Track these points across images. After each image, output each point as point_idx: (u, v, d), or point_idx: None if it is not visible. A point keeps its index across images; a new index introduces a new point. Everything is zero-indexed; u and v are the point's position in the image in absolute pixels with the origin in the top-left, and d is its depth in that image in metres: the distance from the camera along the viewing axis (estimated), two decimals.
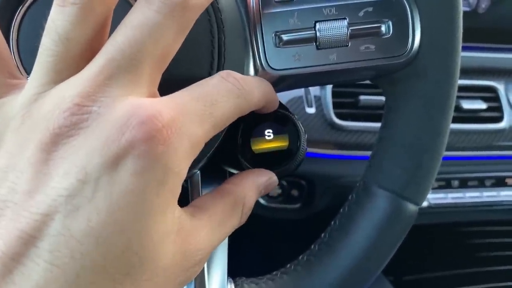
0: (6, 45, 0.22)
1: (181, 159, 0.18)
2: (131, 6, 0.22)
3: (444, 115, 0.30)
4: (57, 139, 0.18)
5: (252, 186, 0.26)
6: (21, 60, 0.24)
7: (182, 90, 0.21)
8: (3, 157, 0.18)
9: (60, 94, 0.18)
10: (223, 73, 0.22)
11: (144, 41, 0.19)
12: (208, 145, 0.27)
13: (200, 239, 0.21)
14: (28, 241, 0.17)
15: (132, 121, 0.17)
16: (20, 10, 0.24)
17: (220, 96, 0.21)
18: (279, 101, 0.32)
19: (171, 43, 0.20)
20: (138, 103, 0.18)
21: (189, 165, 0.19)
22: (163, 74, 0.21)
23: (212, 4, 0.26)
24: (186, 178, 0.31)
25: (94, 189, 0.17)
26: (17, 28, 0.24)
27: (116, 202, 0.17)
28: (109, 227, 0.17)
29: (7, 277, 0.16)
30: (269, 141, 0.30)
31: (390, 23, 0.29)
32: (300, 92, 0.59)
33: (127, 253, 0.17)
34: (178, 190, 0.19)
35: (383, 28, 0.29)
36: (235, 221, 0.24)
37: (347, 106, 0.60)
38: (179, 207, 0.20)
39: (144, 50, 0.19)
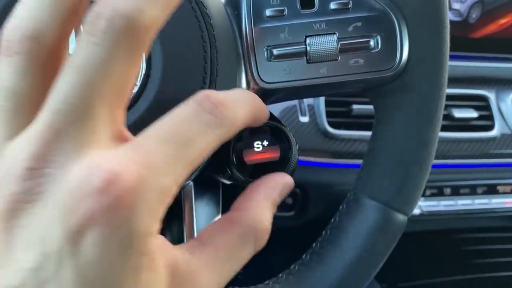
0: None
1: (148, 218, 0.16)
2: None
3: (431, 127, 0.31)
4: (15, 206, 0.16)
5: (264, 204, 0.23)
6: None
7: (147, 130, 0.18)
8: None
9: (11, 156, 0.17)
10: (200, 97, 0.19)
11: (91, 82, 0.16)
12: None
13: (202, 282, 0.19)
14: None
15: (89, 189, 0.16)
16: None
17: (195, 133, 0.18)
18: (271, 113, 0.33)
19: (125, 74, 0.17)
20: (95, 162, 0.16)
21: (159, 217, 0.17)
22: (155, 93, 0.22)
23: (204, 19, 0.26)
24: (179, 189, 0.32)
25: (57, 263, 0.16)
26: None
27: (83, 274, 0.16)
28: None
29: None
30: (261, 152, 0.31)
31: (379, 37, 0.30)
32: (293, 101, 0.59)
33: None
34: (151, 248, 0.17)
35: (371, 43, 0.30)
36: (246, 253, 0.21)
37: (340, 115, 0.61)
38: (173, 249, 0.19)
39: (93, 93, 0.16)
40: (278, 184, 0.25)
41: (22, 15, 0.17)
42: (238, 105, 0.21)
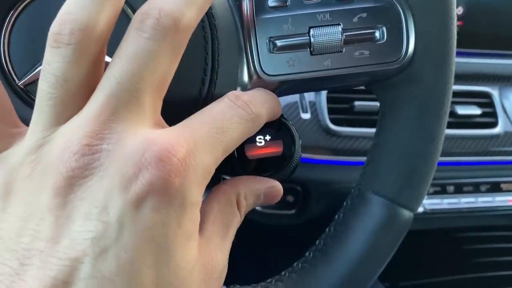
0: (7, 95, 0.21)
1: (196, 189, 0.19)
2: (129, 19, 0.22)
3: (438, 121, 0.30)
4: (72, 182, 0.18)
5: (248, 187, 0.25)
6: (12, 65, 0.24)
7: (191, 117, 0.21)
8: (19, 206, 0.18)
9: (67, 136, 0.18)
10: (231, 96, 0.23)
11: (141, 71, 0.19)
12: None
13: (214, 251, 0.21)
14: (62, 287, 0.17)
15: (147, 158, 0.17)
16: (12, 14, 0.24)
17: (231, 123, 0.21)
18: None
19: (168, 68, 0.20)
20: (150, 137, 0.18)
21: (202, 192, 0.19)
22: None
23: None
24: None
25: (118, 229, 0.17)
26: (9, 32, 0.24)
27: (142, 238, 0.17)
28: (138, 263, 0.17)
29: None
30: (264, 147, 0.30)
31: (384, 29, 0.29)
32: (295, 97, 0.59)
33: (161, 285, 0.18)
34: (198, 217, 0.19)
35: (377, 34, 0.29)
36: (235, 220, 0.24)
37: (342, 111, 0.60)
38: None
39: (143, 81, 0.19)
40: (268, 183, 0.27)
41: (72, 10, 0.19)
42: (262, 103, 0.24)
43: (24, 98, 0.24)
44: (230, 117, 0.22)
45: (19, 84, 0.24)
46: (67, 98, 0.19)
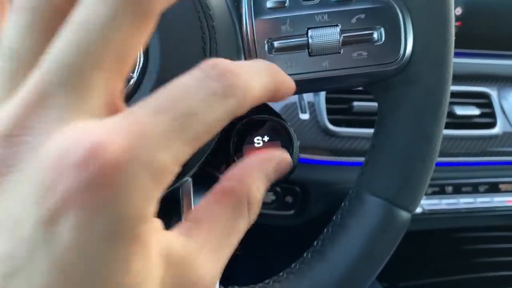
0: None
1: (139, 198, 0.14)
2: None
3: (436, 121, 0.30)
4: None
5: (257, 175, 0.21)
6: None
7: (144, 101, 0.16)
8: None
9: None
10: (206, 65, 0.17)
11: (90, 41, 0.15)
12: (200, 151, 0.27)
13: (201, 264, 0.17)
14: None
15: (68, 161, 0.13)
16: None
17: (198, 103, 0.16)
18: (272, 108, 0.32)
19: (129, 40, 0.15)
20: (77, 132, 0.14)
21: (155, 197, 0.15)
22: (153, 86, 0.21)
23: (203, 10, 0.26)
24: (176, 186, 0.31)
25: (30, 249, 0.14)
26: None
27: (59, 264, 0.14)
28: None
29: None
30: (262, 148, 0.30)
31: (383, 30, 0.29)
32: (294, 98, 0.59)
33: None
34: (143, 231, 0.15)
35: (375, 35, 0.29)
36: (242, 226, 0.19)
37: (341, 112, 0.60)
38: (167, 234, 0.17)
39: (90, 54, 0.15)
40: (274, 157, 0.22)
41: None
42: (253, 73, 0.18)
43: None
44: (198, 95, 0.16)
45: None
46: (16, 73, 0.16)
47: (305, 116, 0.59)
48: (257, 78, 0.18)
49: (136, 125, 0.14)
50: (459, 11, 0.66)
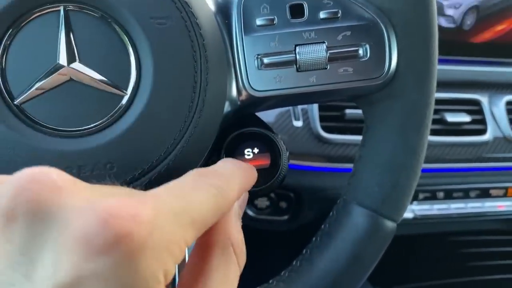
0: None
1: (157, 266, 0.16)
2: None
3: (420, 134, 0.31)
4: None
5: (228, 218, 0.23)
6: (8, 84, 0.25)
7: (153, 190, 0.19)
8: None
9: None
10: (195, 172, 0.21)
11: None
12: (192, 163, 0.28)
13: None
14: None
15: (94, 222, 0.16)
16: (9, 33, 0.25)
17: (197, 192, 0.20)
18: (262, 120, 0.33)
19: None
20: (108, 206, 0.16)
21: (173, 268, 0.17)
22: (145, 103, 0.23)
23: (194, 29, 0.27)
24: None
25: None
26: (6, 52, 0.25)
27: None
28: None
29: None
30: (252, 159, 0.31)
31: (368, 46, 0.30)
32: None
33: None
34: None
35: (360, 52, 0.30)
36: (233, 274, 0.22)
37: (333, 119, 0.61)
38: None
39: None
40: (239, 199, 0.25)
41: None
42: (233, 182, 0.22)
43: (20, 115, 0.25)
44: (196, 187, 0.20)
45: (15, 102, 0.25)
46: None
47: (298, 123, 0.60)
48: (238, 183, 0.23)
49: (157, 203, 0.17)
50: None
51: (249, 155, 0.31)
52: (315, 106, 0.60)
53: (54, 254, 0.15)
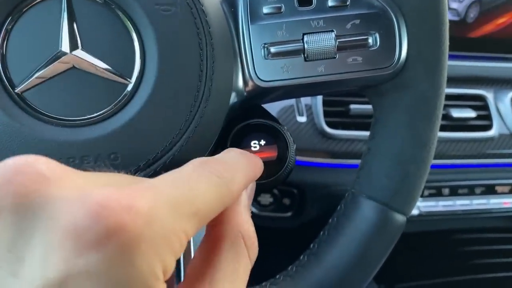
0: None
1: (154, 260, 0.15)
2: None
3: (430, 126, 0.30)
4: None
5: (238, 208, 0.22)
6: (9, 72, 0.24)
7: (154, 179, 0.18)
8: None
9: None
10: (195, 161, 0.20)
11: None
12: (198, 154, 0.27)
13: None
14: None
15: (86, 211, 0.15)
16: (9, 21, 0.24)
17: (198, 181, 0.18)
18: (268, 112, 0.33)
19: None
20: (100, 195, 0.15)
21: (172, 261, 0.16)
22: (150, 91, 0.22)
23: (200, 17, 0.26)
24: None
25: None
26: (6, 40, 0.24)
27: None
28: None
29: None
30: (258, 151, 0.30)
31: (377, 35, 0.29)
32: (291, 101, 0.59)
33: None
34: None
35: (370, 40, 0.29)
36: (243, 267, 0.21)
37: (337, 115, 0.60)
38: None
39: None
40: (247, 188, 0.24)
41: None
42: (236, 171, 0.21)
43: (21, 104, 0.24)
44: (199, 177, 0.18)
45: (16, 91, 0.24)
46: None
47: (302, 119, 0.59)
48: (241, 173, 0.22)
49: (156, 193, 0.16)
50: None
51: (255, 147, 0.30)
52: (319, 101, 0.59)
53: (42, 250, 0.15)
